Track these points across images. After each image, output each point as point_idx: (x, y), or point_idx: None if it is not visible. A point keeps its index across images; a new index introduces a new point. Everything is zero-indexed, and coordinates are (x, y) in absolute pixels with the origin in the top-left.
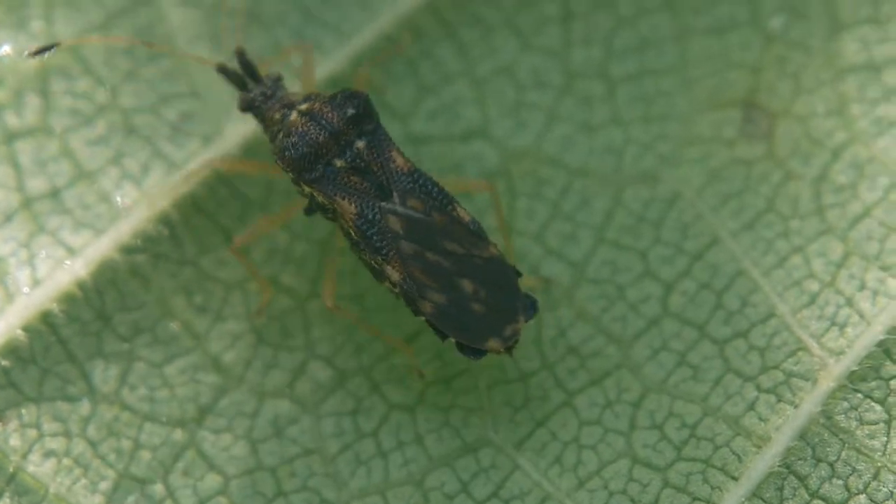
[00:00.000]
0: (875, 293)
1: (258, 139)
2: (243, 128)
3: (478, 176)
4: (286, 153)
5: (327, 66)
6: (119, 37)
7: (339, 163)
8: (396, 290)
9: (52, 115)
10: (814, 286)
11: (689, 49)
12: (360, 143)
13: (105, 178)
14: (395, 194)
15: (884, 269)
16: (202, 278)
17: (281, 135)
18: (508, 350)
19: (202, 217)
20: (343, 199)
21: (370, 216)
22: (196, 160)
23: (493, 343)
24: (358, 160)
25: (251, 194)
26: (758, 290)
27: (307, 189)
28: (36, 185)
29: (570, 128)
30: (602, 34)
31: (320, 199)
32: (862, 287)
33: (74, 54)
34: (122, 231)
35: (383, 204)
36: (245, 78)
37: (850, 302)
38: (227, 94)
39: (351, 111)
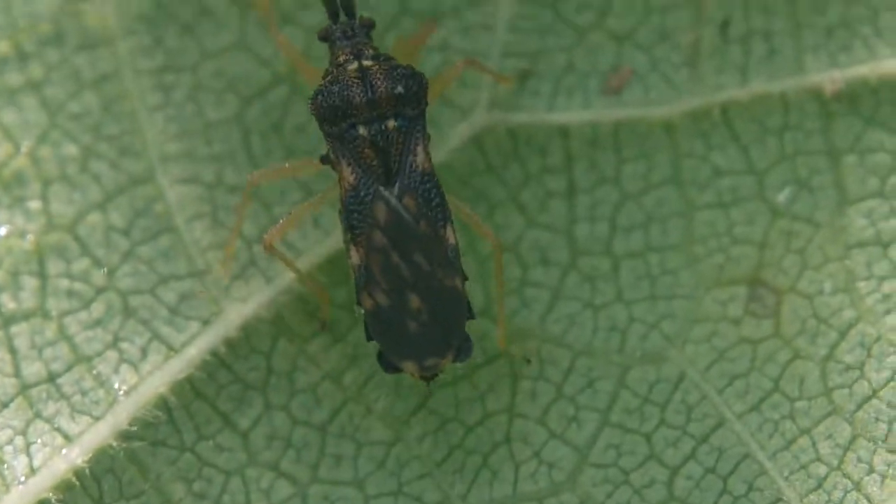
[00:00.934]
0: (883, 477)
1: (259, 319)
2: (244, 308)
3: (482, 360)
4: (319, 97)
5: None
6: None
7: (362, 130)
8: (353, 273)
9: (49, 298)
10: (821, 470)
11: (694, 225)
12: (392, 123)
13: (103, 363)
14: (397, 185)
15: (891, 451)
16: (201, 465)
17: (329, 78)
18: (425, 379)
19: (201, 402)
20: (348, 165)
21: (362, 194)
22: (196, 342)
23: (409, 366)
24: (380, 137)
25: (250, 378)
26: (764, 473)
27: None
28: (32, 370)
29: (575, 307)
30: (607, 210)
31: (330, 153)
32: (870, 471)
33: (72, 234)
34: (120, 417)
35: (381, 189)
36: (339, 9)
37: (857, 486)
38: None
39: (399, 90)
